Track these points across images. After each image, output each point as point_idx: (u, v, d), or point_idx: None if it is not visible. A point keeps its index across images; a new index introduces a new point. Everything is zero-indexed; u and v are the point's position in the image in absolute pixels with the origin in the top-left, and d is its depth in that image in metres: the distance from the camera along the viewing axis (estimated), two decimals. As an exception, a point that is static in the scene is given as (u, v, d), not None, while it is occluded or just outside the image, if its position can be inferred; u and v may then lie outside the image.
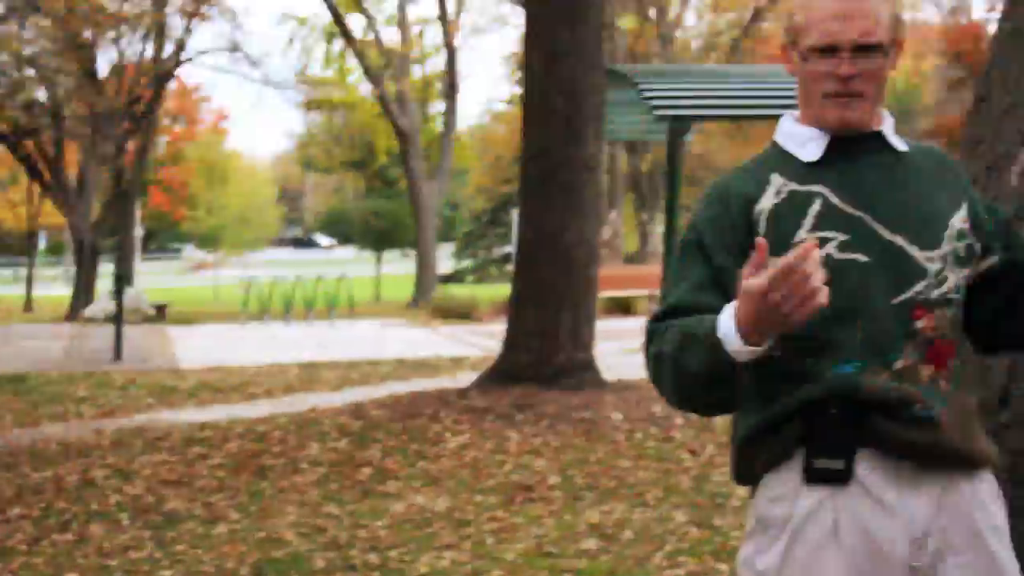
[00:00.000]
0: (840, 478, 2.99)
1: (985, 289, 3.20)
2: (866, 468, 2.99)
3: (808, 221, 3.06)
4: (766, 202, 3.09)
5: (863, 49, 3.04)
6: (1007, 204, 4.15)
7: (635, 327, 23.05)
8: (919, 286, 3.04)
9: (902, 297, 3.03)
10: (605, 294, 25.15)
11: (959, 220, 3.14)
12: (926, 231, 3.08)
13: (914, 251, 3.06)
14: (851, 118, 3.09)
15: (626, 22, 33.66)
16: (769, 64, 41.82)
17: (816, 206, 3.07)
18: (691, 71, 26.21)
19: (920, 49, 56.91)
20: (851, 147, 3.13)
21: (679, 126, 20.79)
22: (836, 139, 3.13)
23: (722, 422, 12.08)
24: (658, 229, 36.89)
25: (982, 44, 37.71)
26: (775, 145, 3.21)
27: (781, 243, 3.00)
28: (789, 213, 3.07)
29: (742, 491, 9.42)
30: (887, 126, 3.17)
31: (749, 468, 3.13)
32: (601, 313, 24.60)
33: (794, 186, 3.10)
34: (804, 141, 3.15)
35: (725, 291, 3.04)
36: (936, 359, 3.05)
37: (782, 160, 3.16)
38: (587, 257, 14.09)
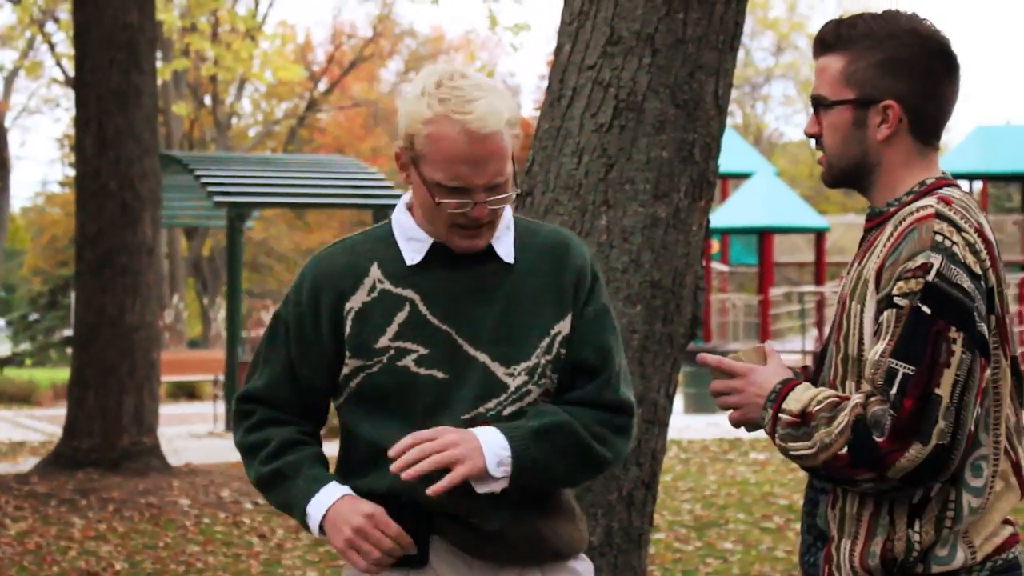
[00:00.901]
0: (415, 563, 3.06)
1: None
2: (439, 555, 3.07)
3: (392, 329, 3.04)
4: (356, 300, 3.06)
5: (495, 187, 2.97)
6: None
7: (201, 411, 22.90)
8: (492, 403, 3.04)
9: (472, 413, 3.03)
10: (169, 378, 24.90)
11: (567, 324, 3.09)
12: (512, 348, 3.05)
13: (496, 367, 3.04)
14: (479, 246, 3.04)
15: (181, 108, 33.57)
16: (327, 154, 42.44)
17: (404, 313, 3.05)
18: (250, 158, 26.48)
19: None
20: (452, 255, 3.06)
21: (238, 212, 20.95)
22: (436, 245, 3.06)
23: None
24: (221, 314, 36.74)
25: (529, 141, 39.35)
26: (390, 224, 3.14)
27: (364, 346, 3.05)
28: (377, 315, 3.05)
29: (314, 573, 9.62)
30: (498, 231, 3.08)
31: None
32: (166, 398, 24.37)
33: (388, 285, 3.06)
34: (409, 237, 3.08)
35: (299, 384, 3.14)
36: None
37: (388, 247, 3.10)
38: (149, 341, 14.09)
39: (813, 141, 3.03)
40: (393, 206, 15.32)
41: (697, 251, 4.67)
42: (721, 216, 30.39)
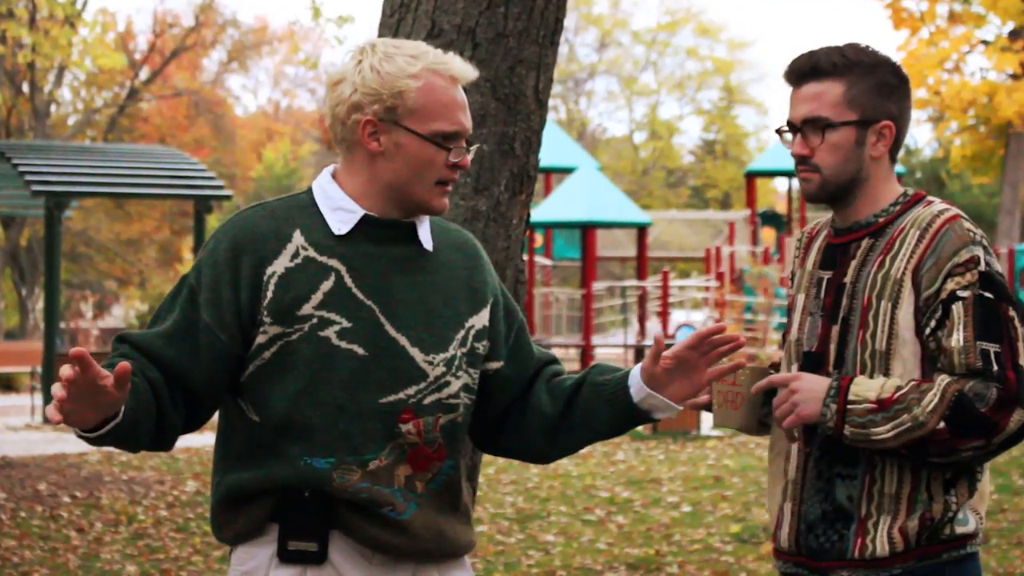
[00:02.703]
0: (314, 560, 2.99)
1: (485, 393, 3.19)
2: (339, 551, 3.00)
3: (317, 297, 2.99)
4: (279, 265, 3.00)
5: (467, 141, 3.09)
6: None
7: (18, 403, 22.48)
8: (411, 390, 3.01)
9: (390, 398, 3.00)
10: (-15, 370, 24.44)
11: (480, 320, 3.13)
12: (432, 335, 3.04)
13: (415, 353, 3.02)
14: (447, 206, 3.09)
15: (-3, 95, 32.86)
16: (148, 144, 41.85)
17: (329, 283, 3.00)
18: (69, 147, 26.03)
19: (298, 135, 58.36)
20: (379, 231, 3.05)
21: (57, 202, 20.60)
22: (366, 219, 3.05)
23: (109, 501, 12.09)
24: (39, 305, 36.03)
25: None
26: (311, 193, 3.10)
27: (286, 313, 2.98)
28: (301, 282, 2.99)
29: (132, 569, 9.50)
30: (421, 216, 3.11)
31: (222, 531, 3.10)
32: (-20, 391, 23.89)
33: (313, 253, 3.01)
34: (336, 207, 3.05)
35: (197, 346, 2.99)
36: (416, 462, 3.04)
37: (311, 215, 3.05)
38: (-36, 334, 13.82)
39: (796, 161, 3.32)
40: (214, 197, 15.36)
41: (517, 245, 4.71)
42: (544, 210, 30.58)
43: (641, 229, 32.66)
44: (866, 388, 3.16)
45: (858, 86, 3.26)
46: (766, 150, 38.49)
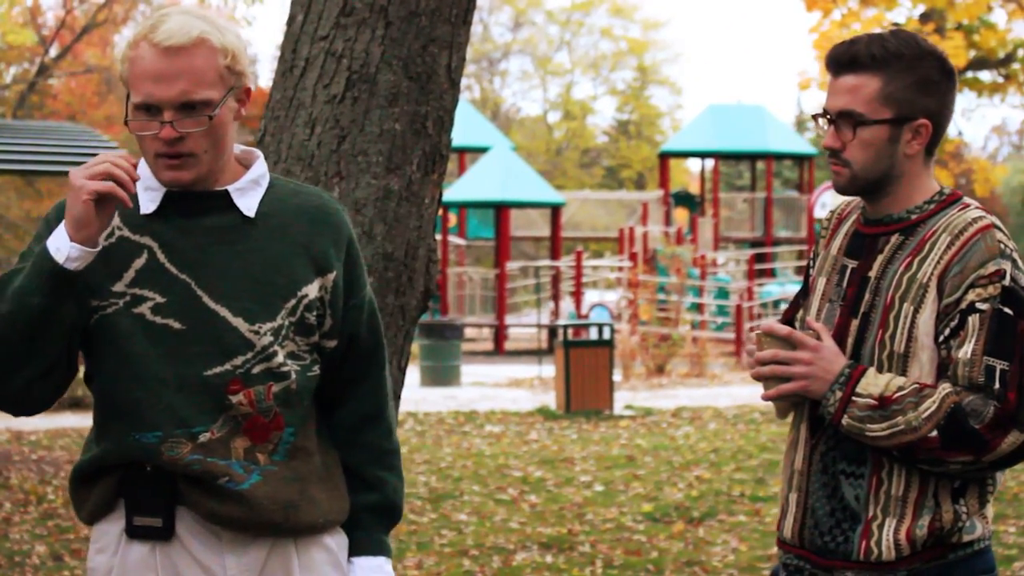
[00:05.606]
0: (161, 536, 2.97)
1: (326, 367, 3.14)
2: (186, 527, 2.98)
3: (129, 275, 2.98)
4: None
5: (187, 108, 2.93)
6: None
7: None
8: (238, 360, 2.97)
9: (216, 370, 2.96)
10: None
11: (316, 288, 3.05)
12: (257, 304, 2.99)
13: (238, 323, 2.97)
14: (184, 179, 2.96)
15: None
16: (58, 121, 41.40)
17: (141, 260, 2.98)
18: (-22, 123, 25.68)
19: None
20: (191, 204, 3.01)
21: (-35, 179, 20.36)
22: (171, 194, 3.01)
23: (18, 481, 11.97)
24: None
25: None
26: None
27: (101, 288, 2.96)
28: (115, 260, 2.98)
29: (41, 550, 9.42)
30: (241, 183, 3.05)
31: (79, 511, 3.09)
32: None
33: (126, 232, 3.00)
34: (147, 187, 3.01)
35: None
36: (253, 433, 3.00)
37: (131, 196, 2.97)
38: None
39: (828, 153, 3.23)
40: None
41: (429, 224, 4.70)
42: (458, 190, 30.59)
43: (555, 209, 32.74)
44: (873, 384, 3.10)
45: (896, 82, 3.16)
46: (680, 131, 38.70)
